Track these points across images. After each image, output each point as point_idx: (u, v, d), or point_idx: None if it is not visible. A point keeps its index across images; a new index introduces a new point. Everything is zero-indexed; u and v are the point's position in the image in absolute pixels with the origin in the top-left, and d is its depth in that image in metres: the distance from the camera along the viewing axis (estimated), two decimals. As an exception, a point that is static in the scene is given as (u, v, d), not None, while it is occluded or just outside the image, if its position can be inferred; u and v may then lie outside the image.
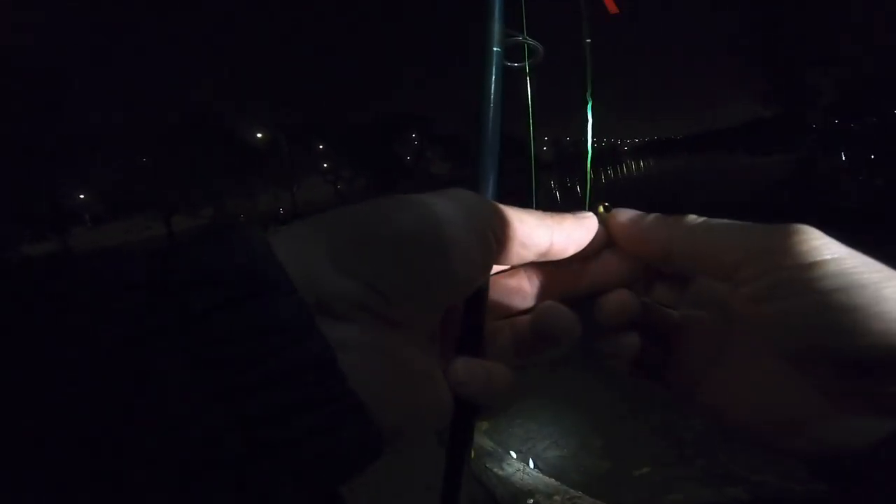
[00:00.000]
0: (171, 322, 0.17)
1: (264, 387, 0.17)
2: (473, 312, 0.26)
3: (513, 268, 0.29)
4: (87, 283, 0.17)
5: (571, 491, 1.96)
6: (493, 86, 0.30)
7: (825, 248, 0.23)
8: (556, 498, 1.92)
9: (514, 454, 2.42)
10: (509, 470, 2.18)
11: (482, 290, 0.26)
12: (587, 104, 0.40)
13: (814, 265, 0.23)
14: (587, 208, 0.32)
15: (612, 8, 0.45)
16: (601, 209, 0.31)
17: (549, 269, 0.29)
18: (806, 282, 0.23)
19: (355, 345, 0.19)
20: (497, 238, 0.24)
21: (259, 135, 35.69)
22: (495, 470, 2.20)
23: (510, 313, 0.29)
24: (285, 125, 36.70)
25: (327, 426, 0.17)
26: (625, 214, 0.30)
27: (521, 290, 0.29)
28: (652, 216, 0.29)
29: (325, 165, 38.19)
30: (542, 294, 0.29)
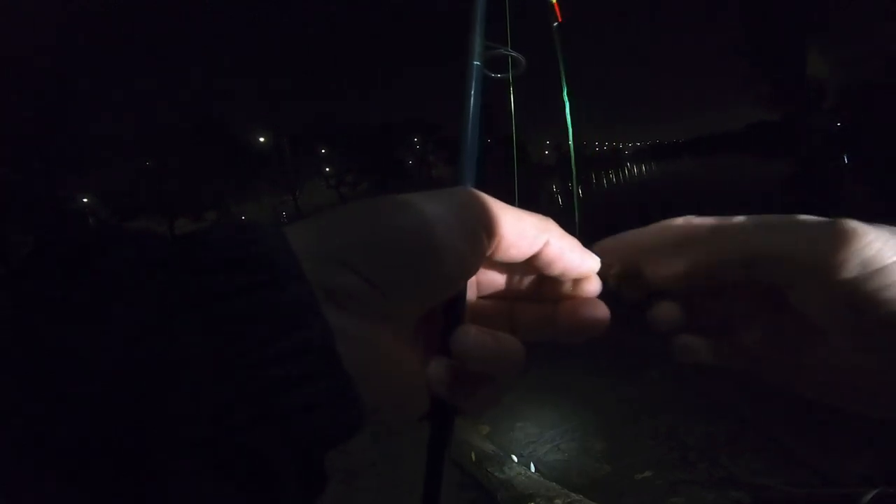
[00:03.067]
0: (195, 301, 0.19)
1: (273, 362, 0.19)
2: (452, 317, 0.27)
3: (502, 297, 0.31)
4: (122, 258, 0.19)
5: (572, 494, 1.95)
6: (472, 98, 0.31)
7: (888, 251, 0.24)
8: (558, 501, 1.92)
9: (515, 458, 2.42)
10: (510, 473, 2.18)
11: (461, 297, 0.27)
12: (565, 103, 0.39)
13: (882, 271, 0.23)
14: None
15: (558, 17, 0.46)
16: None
17: (532, 305, 0.30)
18: (879, 290, 0.23)
19: (350, 331, 0.21)
20: (488, 235, 0.25)
21: (262, 139, 35.82)
22: (496, 473, 2.19)
23: None
24: (288, 129, 36.85)
25: (322, 399, 0.19)
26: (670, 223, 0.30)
27: (500, 314, 0.30)
28: (697, 220, 0.29)
29: (328, 169, 38.26)
30: (519, 322, 0.30)
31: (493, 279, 0.31)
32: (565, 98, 0.38)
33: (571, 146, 0.39)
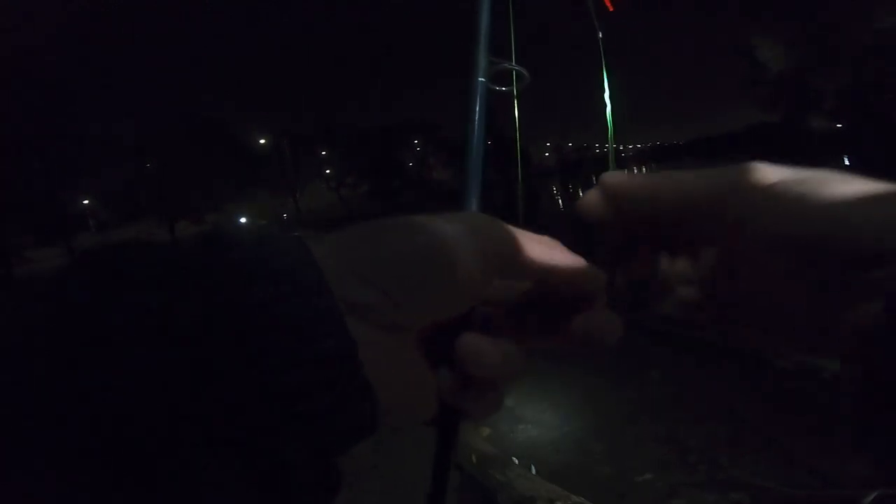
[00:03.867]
0: (223, 310, 0.20)
1: (298, 367, 0.20)
2: (458, 326, 0.28)
3: (510, 307, 0.32)
4: (148, 270, 0.20)
5: (573, 496, 1.95)
6: (477, 113, 0.32)
7: (779, 171, 0.27)
8: (558, 503, 1.92)
9: (516, 460, 2.42)
10: (511, 475, 2.18)
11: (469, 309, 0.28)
12: (606, 107, 0.40)
13: (779, 183, 0.26)
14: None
15: (609, 4, 0.46)
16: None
17: (539, 315, 0.31)
18: (783, 196, 0.26)
19: (368, 340, 0.23)
20: (498, 258, 0.27)
21: (262, 140, 35.83)
22: (497, 475, 2.19)
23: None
24: (288, 131, 36.83)
25: (342, 403, 0.21)
26: (616, 176, 0.32)
27: (507, 324, 0.31)
28: (639, 175, 0.32)
29: (328, 171, 38.27)
30: (526, 332, 0.31)
31: (502, 290, 0.32)
32: (607, 100, 0.39)
33: (611, 149, 0.40)
